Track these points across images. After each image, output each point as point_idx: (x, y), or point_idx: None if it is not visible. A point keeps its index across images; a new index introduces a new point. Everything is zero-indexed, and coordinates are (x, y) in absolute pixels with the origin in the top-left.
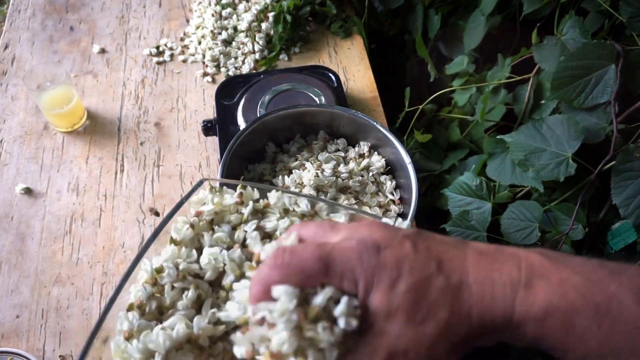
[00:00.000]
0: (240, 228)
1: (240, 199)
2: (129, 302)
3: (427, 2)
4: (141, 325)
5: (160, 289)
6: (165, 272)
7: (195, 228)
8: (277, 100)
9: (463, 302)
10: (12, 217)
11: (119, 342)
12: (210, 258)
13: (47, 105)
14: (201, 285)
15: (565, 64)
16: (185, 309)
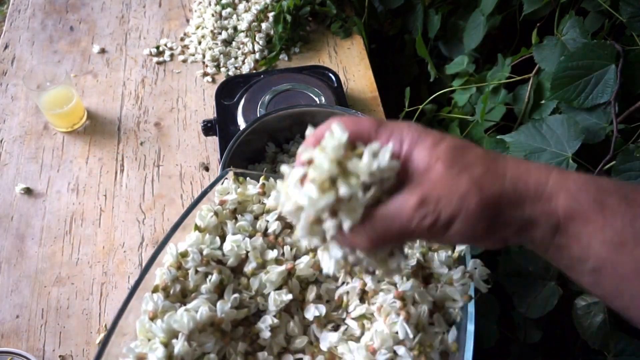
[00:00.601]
0: (262, 218)
1: (263, 190)
2: (155, 284)
3: (427, 2)
4: (165, 306)
5: (184, 273)
6: (190, 256)
7: (219, 216)
8: (277, 100)
9: (499, 164)
10: (12, 217)
11: (144, 322)
12: (233, 245)
13: (47, 105)
14: (224, 271)
15: (565, 64)
16: (208, 292)
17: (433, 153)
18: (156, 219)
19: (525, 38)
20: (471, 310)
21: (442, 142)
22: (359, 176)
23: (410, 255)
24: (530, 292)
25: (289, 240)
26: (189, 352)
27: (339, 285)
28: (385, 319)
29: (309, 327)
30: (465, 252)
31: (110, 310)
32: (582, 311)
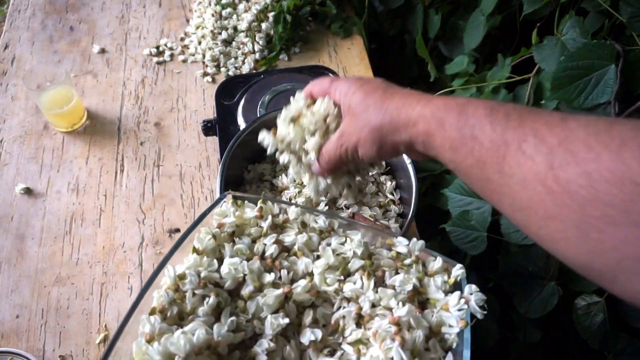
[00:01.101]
0: (259, 241)
1: (260, 213)
2: (152, 306)
3: (427, 2)
4: (162, 328)
5: (182, 295)
6: (187, 278)
7: (217, 239)
8: (277, 100)
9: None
10: (12, 217)
11: (141, 344)
12: (230, 268)
13: (47, 105)
14: (221, 294)
15: (565, 64)
16: (205, 315)
17: (350, 99)
18: (156, 219)
19: (525, 38)
20: (467, 336)
21: (358, 90)
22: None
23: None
24: (530, 292)
25: (285, 264)
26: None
27: (334, 310)
28: (381, 344)
29: (305, 352)
30: (461, 278)
31: (110, 310)
32: (582, 311)
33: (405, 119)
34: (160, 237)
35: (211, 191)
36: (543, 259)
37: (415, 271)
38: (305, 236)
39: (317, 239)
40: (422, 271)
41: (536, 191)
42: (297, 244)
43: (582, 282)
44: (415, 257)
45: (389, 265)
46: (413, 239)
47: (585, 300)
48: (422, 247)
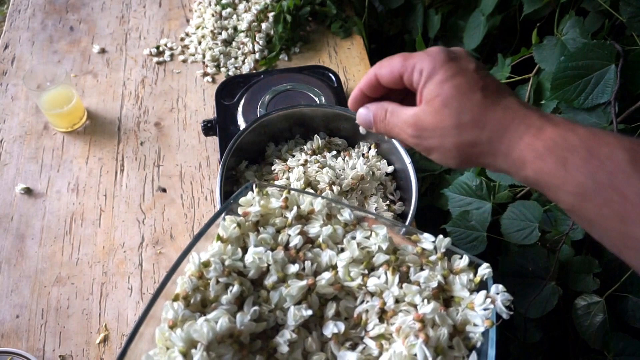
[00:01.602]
0: (284, 231)
1: (285, 204)
2: (176, 293)
3: (427, 2)
4: (185, 315)
5: (205, 282)
6: (212, 266)
7: (242, 228)
8: (277, 100)
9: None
10: (12, 217)
11: (164, 330)
12: (255, 257)
13: (47, 105)
14: (244, 283)
15: (565, 64)
16: (228, 303)
17: (438, 89)
18: (156, 219)
19: (525, 38)
20: (492, 336)
21: (449, 80)
22: None
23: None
24: (530, 292)
25: (310, 256)
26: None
27: (357, 304)
28: (404, 340)
29: (326, 344)
30: (487, 277)
31: (110, 310)
32: (582, 311)
33: (508, 147)
34: (160, 237)
35: (211, 191)
36: (543, 259)
37: (441, 268)
38: (330, 228)
39: (342, 232)
40: (447, 268)
41: None
42: (322, 236)
43: (582, 282)
44: (441, 254)
45: (414, 262)
46: (440, 236)
47: (585, 300)
48: (448, 244)
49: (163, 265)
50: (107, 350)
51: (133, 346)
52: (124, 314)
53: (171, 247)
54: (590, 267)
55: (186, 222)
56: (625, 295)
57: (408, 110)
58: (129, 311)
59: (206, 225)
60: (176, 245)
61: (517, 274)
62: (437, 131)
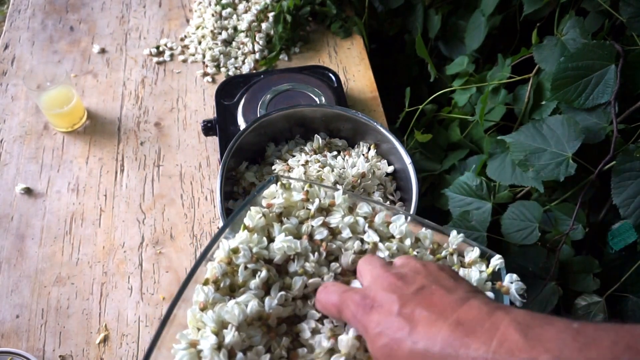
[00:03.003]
0: (307, 222)
1: (306, 196)
2: (205, 277)
3: (427, 2)
4: (216, 298)
5: (233, 268)
6: (240, 252)
7: (267, 218)
8: (277, 100)
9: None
10: (12, 217)
11: (195, 312)
12: (284, 244)
13: (47, 105)
14: (270, 270)
15: (565, 64)
16: (256, 288)
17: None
18: (156, 219)
19: (525, 38)
20: None
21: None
22: None
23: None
24: (530, 292)
25: (333, 247)
26: (239, 343)
27: None
28: None
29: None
30: (500, 267)
31: (110, 310)
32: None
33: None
34: (160, 236)
35: (211, 191)
36: (543, 259)
37: (450, 262)
38: (352, 218)
39: (362, 222)
40: (459, 261)
41: None
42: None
43: (582, 282)
44: (453, 248)
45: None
46: (453, 231)
47: (585, 300)
48: (462, 240)
49: (163, 265)
50: (107, 350)
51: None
52: (124, 314)
53: (171, 247)
54: (590, 267)
55: (186, 222)
56: (625, 295)
57: None
58: (129, 311)
59: (231, 217)
60: (176, 245)
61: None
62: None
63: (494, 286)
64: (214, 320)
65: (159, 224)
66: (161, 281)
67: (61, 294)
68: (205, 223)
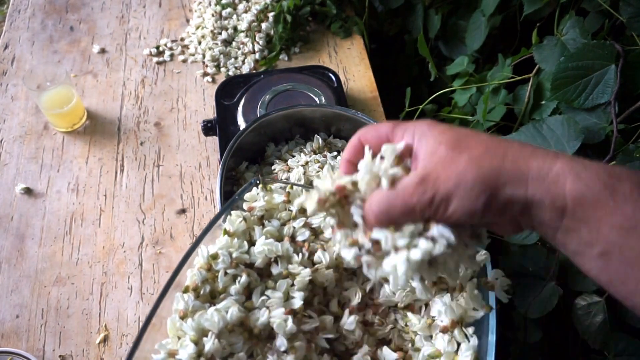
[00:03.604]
0: (289, 224)
1: (288, 198)
2: (185, 285)
3: (427, 2)
4: (196, 306)
5: (214, 274)
6: (220, 258)
7: (247, 222)
8: (277, 100)
9: (501, 146)
10: (12, 217)
11: (175, 320)
12: (264, 247)
13: (47, 105)
14: (251, 274)
15: (565, 64)
16: (237, 294)
17: (438, 139)
18: (156, 219)
19: (525, 38)
20: (493, 322)
21: (448, 131)
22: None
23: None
24: (530, 292)
25: (316, 247)
26: (219, 350)
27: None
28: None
29: None
30: (485, 262)
31: (110, 310)
32: (582, 311)
33: (539, 170)
34: (160, 236)
35: (211, 191)
36: (543, 259)
37: None
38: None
39: None
40: None
41: None
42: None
43: (582, 282)
44: None
45: None
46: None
47: (585, 300)
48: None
49: (163, 265)
50: (107, 350)
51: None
52: (124, 314)
53: (171, 247)
54: None
55: (186, 222)
56: None
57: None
58: (129, 311)
59: (213, 220)
60: (176, 245)
61: (517, 274)
62: (451, 172)
63: (479, 282)
64: (194, 329)
65: (158, 224)
66: (161, 281)
67: (61, 294)
68: (205, 223)
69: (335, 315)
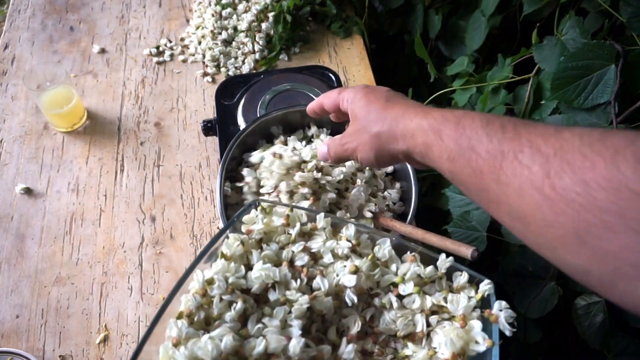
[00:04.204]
0: (288, 248)
1: (287, 221)
2: (180, 310)
3: (427, 2)
4: (189, 333)
5: (209, 300)
6: (215, 284)
7: (245, 245)
8: (277, 100)
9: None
10: (12, 217)
11: (167, 348)
12: (261, 273)
13: (47, 105)
14: (247, 300)
15: (565, 64)
16: (232, 321)
17: (355, 106)
18: (156, 219)
19: (525, 38)
20: (496, 354)
21: (362, 98)
22: None
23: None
24: (530, 292)
25: (315, 272)
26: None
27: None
28: None
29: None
30: (489, 293)
31: (110, 310)
32: (582, 311)
33: (403, 129)
34: (160, 237)
35: (211, 191)
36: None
37: (438, 286)
38: (334, 242)
39: (345, 245)
40: (447, 286)
41: (533, 199)
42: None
43: None
44: (442, 273)
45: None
46: (442, 256)
47: (585, 300)
48: (450, 264)
49: (163, 265)
50: (107, 350)
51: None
52: (124, 314)
53: (171, 247)
54: None
55: (186, 222)
56: None
57: (338, 136)
58: (129, 311)
59: (210, 243)
60: (176, 245)
61: (517, 274)
62: (356, 134)
63: (483, 314)
64: (187, 357)
65: (159, 224)
66: (161, 281)
67: (61, 294)
68: (205, 223)
69: (333, 344)
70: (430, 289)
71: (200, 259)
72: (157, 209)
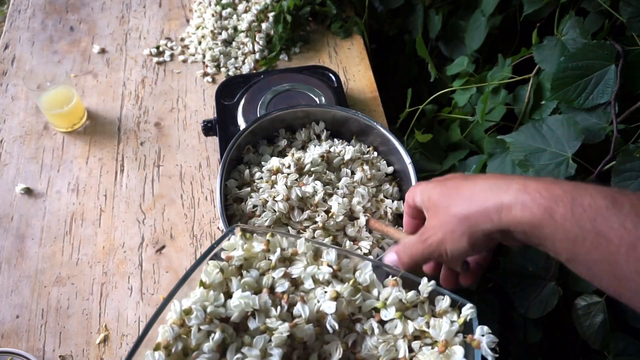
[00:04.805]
0: (268, 274)
1: (267, 247)
2: (157, 342)
3: (427, 2)
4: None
5: (187, 330)
6: (193, 314)
7: (225, 272)
8: (277, 100)
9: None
10: (12, 217)
11: None
12: (241, 301)
13: (47, 105)
14: (226, 330)
15: (565, 64)
16: (210, 351)
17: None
18: (156, 219)
19: (525, 38)
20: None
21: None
22: None
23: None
24: (530, 292)
25: (296, 299)
26: None
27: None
28: None
29: None
30: (472, 317)
31: (110, 310)
32: (582, 311)
33: (497, 205)
34: (161, 237)
35: (211, 191)
36: (543, 259)
37: (420, 311)
38: (314, 268)
39: (326, 271)
40: (429, 310)
41: None
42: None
43: (582, 282)
44: (424, 297)
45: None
46: (423, 280)
47: (585, 300)
48: (432, 288)
49: (163, 265)
50: (107, 350)
51: None
52: (124, 314)
53: (171, 247)
54: None
55: (186, 222)
56: None
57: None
58: (129, 311)
59: (189, 271)
60: (176, 245)
61: (517, 274)
62: (438, 224)
63: (465, 339)
64: None
65: (159, 224)
66: (161, 281)
67: (61, 294)
68: (205, 223)
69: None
70: (412, 313)
71: (176, 289)
72: (157, 209)
